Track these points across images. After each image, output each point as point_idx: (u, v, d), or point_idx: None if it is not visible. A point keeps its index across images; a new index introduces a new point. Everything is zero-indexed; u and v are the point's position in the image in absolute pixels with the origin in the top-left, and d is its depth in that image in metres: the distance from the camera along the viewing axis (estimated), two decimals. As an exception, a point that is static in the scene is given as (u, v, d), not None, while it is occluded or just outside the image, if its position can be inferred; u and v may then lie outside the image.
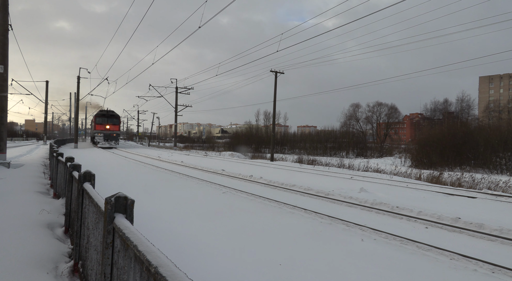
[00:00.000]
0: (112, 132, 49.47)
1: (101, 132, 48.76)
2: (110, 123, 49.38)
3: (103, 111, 51.04)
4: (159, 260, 1.55)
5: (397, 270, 4.36)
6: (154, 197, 9.04)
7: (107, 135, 48.93)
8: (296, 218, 6.96)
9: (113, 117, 50.28)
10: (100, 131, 48.86)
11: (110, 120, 49.67)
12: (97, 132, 48.84)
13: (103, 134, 48.67)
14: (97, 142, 48.46)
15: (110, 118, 49.77)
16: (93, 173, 3.95)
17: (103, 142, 48.35)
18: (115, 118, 50.51)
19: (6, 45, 13.98)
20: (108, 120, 49.47)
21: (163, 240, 5.22)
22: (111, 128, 49.57)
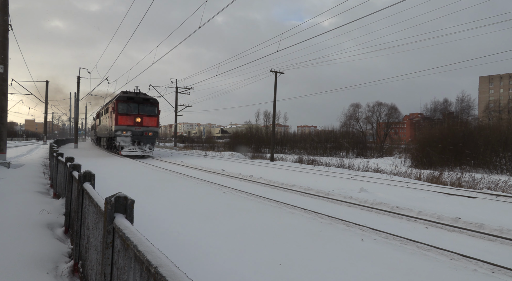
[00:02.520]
0: (146, 129, 27.36)
1: (128, 128, 26.65)
2: (143, 114, 27.40)
3: (130, 94, 27.87)
4: (159, 260, 1.55)
5: (397, 270, 4.36)
6: (154, 196, 9.03)
7: (138, 135, 27.07)
8: (296, 218, 6.96)
9: (147, 103, 27.78)
10: (125, 127, 26.57)
11: (144, 109, 27.60)
12: (120, 129, 26.53)
13: (132, 133, 26.74)
14: (120, 146, 26.72)
15: (144, 105, 27.54)
16: (93, 173, 3.95)
17: (131, 146, 26.83)
18: (151, 105, 27.91)
19: (6, 45, 13.98)
20: (140, 108, 27.36)
21: (163, 240, 5.22)
22: (146, 123, 27.46)
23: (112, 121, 27.57)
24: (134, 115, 26.64)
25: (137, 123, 26.71)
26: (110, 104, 29.53)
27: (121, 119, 26.16)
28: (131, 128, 26.51)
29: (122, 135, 26.28)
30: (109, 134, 29.29)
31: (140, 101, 27.14)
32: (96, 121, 44.98)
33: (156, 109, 27.89)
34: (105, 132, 32.34)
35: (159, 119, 28.37)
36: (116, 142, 26.71)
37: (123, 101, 26.59)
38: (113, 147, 29.40)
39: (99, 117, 39.30)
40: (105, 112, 33.49)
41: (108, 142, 32.09)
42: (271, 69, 30.81)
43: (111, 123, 27.97)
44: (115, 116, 26.22)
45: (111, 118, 28.20)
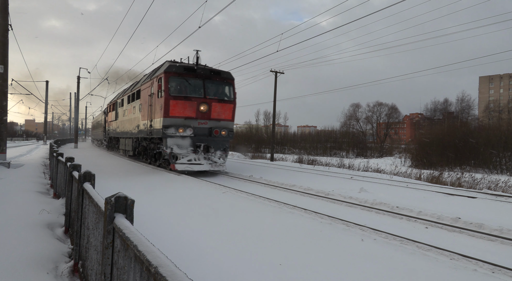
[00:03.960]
0: (217, 124, 15.19)
1: (187, 123, 14.58)
2: (212, 98, 15.03)
3: (187, 65, 15.32)
4: (159, 260, 1.55)
5: (397, 270, 4.36)
6: (154, 196, 9.03)
7: (203, 135, 14.86)
8: (296, 218, 6.96)
9: (218, 79, 15.44)
10: (183, 121, 14.51)
11: (213, 89, 15.33)
12: (172, 125, 14.33)
13: (194, 132, 14.59)
14: (172, 154, 14.36)
15: (212, 83, 15.32)
16: (93, 173, 3.95)
17: (192, 154, 14.57)
18: (224, 83, 15.70)
19: (6, 45, 13.98)
20: (206, 87, 15.05)
21: (163, 239, 5.22)
22: (217, 113, 15.17)
23: (153, 111, 15.47)
24: (197, 100, 14.39)
25: (202, 114, 14.53)
26: (145, 85, 17.11)
27: (175, 107, 14.09)
28: (192, 122, 14.37)
29: (176, 135, 14.06)
30: (146, 133, 16.40)
31: (206, 75, 14.79)
32: (108, 116, 30.21)
33: (232, 89, 15.51)
34: (132, 131, 19.55)
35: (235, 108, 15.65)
36: (165, 147, 14.33)
37: (178, 76, 14.36)
38: (153, 155, 16.76)
39: (115, 110, 25.66)
40: (130, 100, 20.33)
41: (139, 146, 18.90)
42: (271, 69, 30.81)
43: (150, 115, 15.81)
44: (164, 103, 14.05)
45: (150, 106, 15.84)
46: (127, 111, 21.77)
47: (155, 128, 15.09)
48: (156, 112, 15.18)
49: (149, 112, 16.19)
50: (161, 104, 14.37)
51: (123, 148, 23.56)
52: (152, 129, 15.58)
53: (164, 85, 14.31)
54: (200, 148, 14.66)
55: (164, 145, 14.59)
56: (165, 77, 14.37)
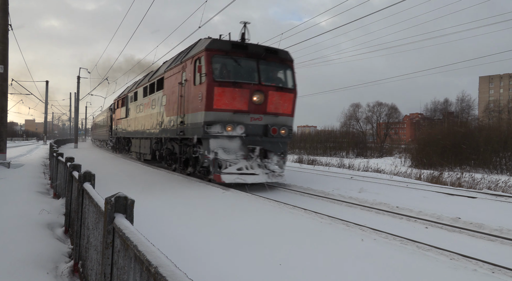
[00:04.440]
0: (274, 120, 11.24)
1: (236, 119, 10.64)
2: (268, 85, 11.05)
3: (235, 41, 11.36)
4: (159, 260, 1.55)
5: (397, 270, 4.37)
6: (153, 196, 9.03)
7: (256, 135, 10.92)
8: (296, 218, 6.96)
9: (275, 60, 11.46)
10: (231, 116, 10.58)
11: (269, 74, 11.47)
12: (218, 121, 10.46)
13: (245, 131, 10.66)
14: (215, 161, 10.38)
15: (268, 66, 11.37)
16: (93, 173, 3.95)
17: (243, 162, 10.59)
18: (282, 66, 11.74)
19: (6, 45, 13.99)
20: (261, 71, 11.05)
21: (162, 239, 5.22)
22: (274, 106, 11.16)
23: (185, 104, 12.02)
24: (249, 88, 10.85)
25: (255, 107, 10.98)
26: (171, 71, 13.63)
27: (221, 96, 10.58)
28: (243, 118, 10.88)
29: (223, 135, 10.65)
30: (174, 133, 12.95)
31: (260, 54, 11.21)
32: (115, 113, 25.93)
33: (292, 74, 11.91)
34: (151, 130, 15.95)
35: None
36: (206, 151, 10.70)
37: (225, 54, 10.89)
38: (183, 161, 12.97)
39: (125, 106, 22.10)
40: (148, 92, 16.89)
41: (162, 148, 14.95)
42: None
43: (181, 108, 12.32)
44: (206, 91, 10.49)
45: (181, 97, 12.30)
46: (142, 106, 17.87)
47: (190, 125, 11.36)
48: (191, 105, 11.35)
49: (179, 105, 12.38)
50: (201, 93, 10.53)
51: (136, 150, 19.72)
52: (184, 127, 11.82)
53: (206, 67, 10.46)
54: (254, 152, 10.64)
55: (204, 148, 10.63)
56: (207, 56, 10.49)
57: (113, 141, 29.05)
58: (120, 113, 24.44)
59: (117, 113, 25.87)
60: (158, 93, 15.23)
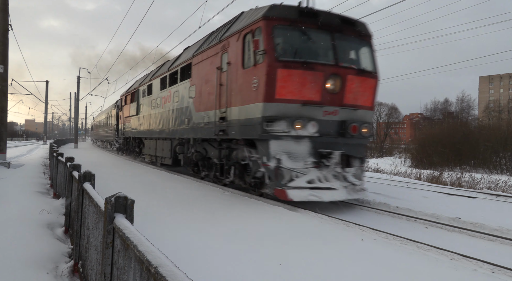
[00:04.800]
0: (353, 115, 8.37)
1: (306, 112, 7.74)
2: (347, 67, 8.13)
3: (303, 9, 7.99)
4: (159, 260, 1.55)
5: (397, 270, 4.36)
6: (153, 195, 9.03)
7: (330, 136, 8.05)
8: (296, 218, 6.96)
9: (357, 39, 8.65)
10: (299, 109, 7.68)
11: (346, 52, 8.52)
12: (282, 115, 7.59)
13: (318, 129, 7.76)
14: (277, 172, 7.53)
15: (344, 41, 8.36)
16: (93, 173, 3.95)
17: (315, 172, 7.65)
18: (363, 44, 8.80)
19: (6, 45, 13.99)
20: (337, 48, 8.11)
21: (162, 239, 5.22)
22: (353, 96, 8.24)
23: (228, 94, 9.23)
24: (323, 71, 7.89)
25: (330, 97, 8.04)
26: (204, 53, 10.94)
27: (287, 82, 7.65)
28: (314, 111, 7.94)
29: (289, 135, 7.68)
30: (211, 132, 10.18)
31: (335, 26, 8.30)
32: (123, 110, 23.18)
33: (373, 53, 9.03)
34: (173, 129, 13.47)
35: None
36: (266, 157, 7.83)
37: (290, 24, 7.90)
38: (221, 168, 10.33)
39: (136, 101, 19.41)
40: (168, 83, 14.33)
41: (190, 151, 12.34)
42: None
43: (220, 100, 9.65)
44: (266, 74, 7.60)
45: (221, 86, 9.65)
46: (160, 101, 15.06)
47: (236, 123, 8.63)
48: (238, 95, 8.59)
49: (217, 96, 9.63)
50: (257, 78, 7.79)
51: (151, 152, 16.72)
52: (226, 125, 9.04)
53: (265, 42, 7.69)
54: (329, 158, 7.81)
55: (262, 153, 7.89)
56: (266, 27, 7.77)
57: (120, 142, 25.91)
58: (129, 110, 21.33)
59: (125, 111, 22.69)
60: (183, 84, 12.51)
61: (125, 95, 23.09)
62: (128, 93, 22.08)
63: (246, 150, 8.75)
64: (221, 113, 9.55)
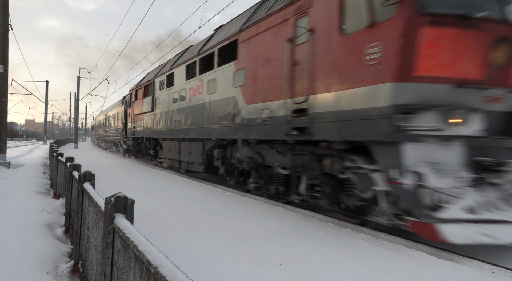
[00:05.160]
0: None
1: (462, 104, 5.01)
2: None
3: None
4: (159, 260, 1.55)
5: (397, 271, 4.37)
6: (152, 194, 9.03)
7: (494, 141, 5.06)
8: (297, 218, 6.96)
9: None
10: (445, 98, 5.02)
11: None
12: (427, 106, 4.97)
13: (484, 122, 5.00)
14: (422, 194, 4.76)
15: None
16: (93, 173, 3.95)
17: (467, 190, 4.78)
18: None
19: (6, 45, 14.00)
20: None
21: (162, 239, 5.22)
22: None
23: (322, 70, 6.33)
24: (487, 30, 5.10)
25: (494, 73, 5.22)
26: (274, 16, 7.79)
27: (434, 49, 5.01)
28: (472, 97, 5.22)
29: (436, 135, 4.95)
30: (278, 130, 7.45)
31: None
32: (133, 107, 20.54)
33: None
34: (212, 127, 10.60)
35: None
36: (397, 172, 5.02)
37: None
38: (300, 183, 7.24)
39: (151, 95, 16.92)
40: (198, 70, 11.75)
41: (234, 156, 9.62)
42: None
43: (304, 84, 6.74)
44: (401, 35, 4.96)
45: (297, 66, 6.99)
46: (186, 93, 12.55)
47: (330, 115, 6.20)
48: (336, 75, 6.13)
49: (288, 80, 7.16)
50: (379, 45, 5.35)
51: (173, 156, 14.02)
52: (310, 120, 6.63)
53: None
54: (498, 171, 5.11)
55: (389, 163, 5.31)
56: None
57: (129, 143, 22.94)
58: (140, 106, 18.57)
59: (135, 107, 19.84)
60: (223, 69, 9.83)
61: (135, 89, 20.05)
62: (139, 86, 19.12)
63: (348, 157, 6.05)
64: (296, 105, 6.87)
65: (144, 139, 18.73)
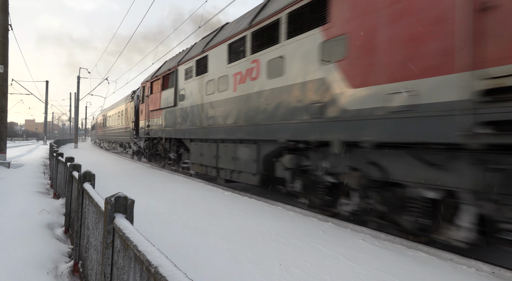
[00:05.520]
0: None
1: None
2: None
3: None
4: (159, 260, 1.56)
5: (397, 272, 4.37)
6: (152, 194, 9.04)
7: None
8: (297, 218, 6.96)
9: None
10: None
11: None
12: None
13: None
14: None
15: None
16: (93, 173, 3.95)
17: None
18: None
19: (6, 45, 14.01)
20: None
21: (162, 240, 5.22)
22: None
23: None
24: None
25: None
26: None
27: None
28: None
29: None
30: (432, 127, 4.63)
31: None
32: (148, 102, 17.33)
33: None
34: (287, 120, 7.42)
35: None
36: None
37: None
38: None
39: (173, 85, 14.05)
40: (248, 48, 8.91)
41: (318, 165, 7.01)
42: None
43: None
44: None
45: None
46: (229, 79, 9.82)
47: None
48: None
49: (471, 37, 4.28)
50: None
51: (207, 162, 11.27)
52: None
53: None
54: None
55: None
56: None
57: (140, 144, 19.82)
58: (158, 100, 15.43)
59: (151, 102, 16.46)
60: (298, 41, 7.19)
61: (150, 81, 16.78)
62: (156, 77, 15.94)
63: None
64: (493, 80, 4.09)
65: (163, 140, 15.52)
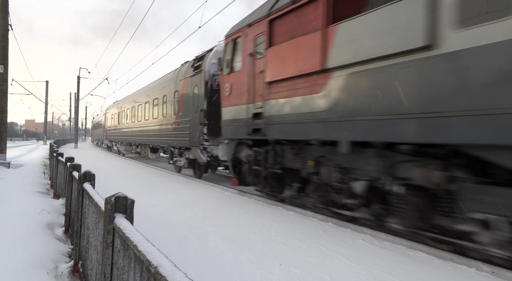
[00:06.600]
0: None
1: None
2: None
3: None
4: (159, 260, 1.56)
5: (396, 272, 4.37)
6: (153, 194, 9.04)
7: None
8: (297, 218, 6.96)
9: None
10: None
11: None
12: None
13: None
14: None
15: None
16: (93, 173, 3.95)
17: None
18: None
19: (6, 45, 14.00)
20: None
21: (162, 240, 5.22)
22: None
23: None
24: None
25: None
26: None
27: None
28: None
29: None
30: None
31: None
32: (245, 71, 8.13)
33: None
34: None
35: None
36: None
37: None
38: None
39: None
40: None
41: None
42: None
43: None
44: None
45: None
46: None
47: None
48: None
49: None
50: None
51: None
52: None
53: None
54: None
55: None
56: None
57: (218, 152, 11.14)
58: (316, 52, 6.07)
59: (278, 60, 7.04)
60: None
61: (271, 17, 7.48)
62: (273, 13, 7.40)
63: None
64: None
65: (278, 144, 7.85)
